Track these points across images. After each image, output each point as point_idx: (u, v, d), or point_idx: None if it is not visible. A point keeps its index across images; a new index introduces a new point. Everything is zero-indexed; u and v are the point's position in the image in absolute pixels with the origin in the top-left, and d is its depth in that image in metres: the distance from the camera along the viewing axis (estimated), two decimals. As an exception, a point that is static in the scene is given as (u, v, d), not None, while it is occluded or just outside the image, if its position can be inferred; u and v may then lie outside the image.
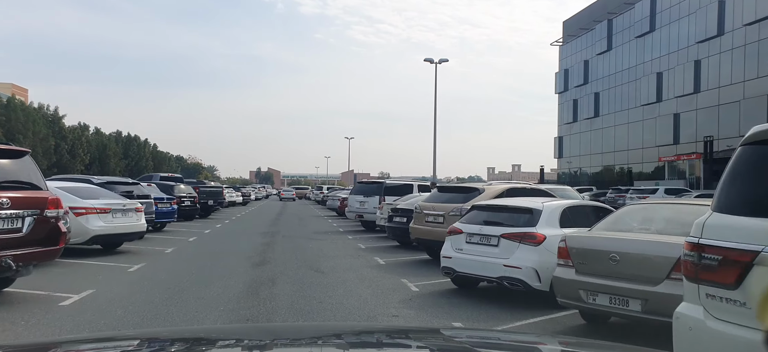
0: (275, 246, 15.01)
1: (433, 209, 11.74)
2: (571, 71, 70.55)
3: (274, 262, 11.85)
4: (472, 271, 8.08)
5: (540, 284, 7.39)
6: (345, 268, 11.20)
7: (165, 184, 24.54)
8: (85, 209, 11.54)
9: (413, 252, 13.56)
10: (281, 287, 8.97)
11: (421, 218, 12.02)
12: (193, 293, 8.38)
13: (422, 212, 11.99)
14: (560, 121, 73.81)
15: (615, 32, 61.80)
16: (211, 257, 12.46)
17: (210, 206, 27.92)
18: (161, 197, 18.67)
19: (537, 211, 7.91)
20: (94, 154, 71.75)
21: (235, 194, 45.21)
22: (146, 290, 8.61)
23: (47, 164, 54.14)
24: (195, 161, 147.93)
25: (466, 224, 8.41)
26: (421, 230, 11.95)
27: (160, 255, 12.59)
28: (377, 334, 2.41)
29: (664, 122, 52.30)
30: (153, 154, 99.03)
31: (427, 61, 31.38)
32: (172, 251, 13.24)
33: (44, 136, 53.75)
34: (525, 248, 7.55)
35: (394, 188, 21.01)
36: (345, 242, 16.45)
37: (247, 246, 14.80)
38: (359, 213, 21.07)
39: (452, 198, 11.85)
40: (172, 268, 10.78)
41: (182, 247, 14.34)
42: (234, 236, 18.05)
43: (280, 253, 13.47)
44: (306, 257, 12.87)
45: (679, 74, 49.93)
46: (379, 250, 14.46)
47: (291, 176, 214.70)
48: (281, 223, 25.14)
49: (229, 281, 9.44)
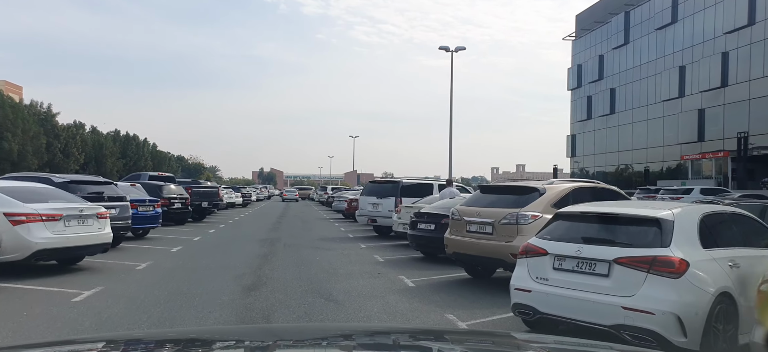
0: (274, 259, 12.34)
1: (478, 215, 9.04)
2: (585, 67, 67.80)
3: (271, 284, 9.17)
4: (566, 313, 5.38)
5: (684, 338, 4.70)
6: (365, 294, 8.53)
7: (152, 184, 21.89)
8: (26, 215, 8.86)
9: (445, 267, 10.89)
10: (279, 327, 6.30)
11: (460, 227, 9.33)
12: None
13: (462, 218, 9.30)
14: (573, 118, 71.09)
15: (632, 25, 59.00)
16: (191, 278, 9.78)
17: (204, 209, 25.24)
18: (142, 199, 16.01)
19: (666, 222, 5.21)
20: (90, 154, 69.14)
21: (235, 194, 42.52)
22: (87, 331, 5.94)
23: (38, 164, 51.54)
24: (196, 161, 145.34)
25: (553, 242, 5.71)
26: (460, 243, 9.26)
27: (127, 274, 9.92)
28: (379, 334, 2.40)
29: (687, 119, 49.48)
30: (152, 154, 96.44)
31: (443, 49, 28.70)
32: (145, 268, 10.56)
33: (35, 134, 51.05)
34: (657, 280, 4.86)
35: (412, 187, 18.32)
36: (358, 253, 13.77)
37: (239, 259, 12.12)
38: (372, 217, 18.36)
39: (502, 201, 9.14)
40: (135, 296, 8.09)
41: (160, 261, 11.67)
42: (227, 244, 15.37)
43: (280, 269, 10.80)
44: (312, 275, 10.20)
45: (705, 67, 47.12)
46: (402, 264, 11.77)
47: (294, 176, 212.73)
48: (283, 227, 22.46)
49: (205, 317, 6.78)
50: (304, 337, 2.21)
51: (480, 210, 9.08)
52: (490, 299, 8.13)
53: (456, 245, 9.37)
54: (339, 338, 2.14)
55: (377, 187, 19.05)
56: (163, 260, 11.73)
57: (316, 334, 2.36)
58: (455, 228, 9.48)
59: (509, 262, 8.33)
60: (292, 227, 22.38)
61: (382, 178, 19.36)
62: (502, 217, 8.63)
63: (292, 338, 2.19)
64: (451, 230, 9.60)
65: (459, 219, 9.39)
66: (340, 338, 2.14)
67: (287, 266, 11.29)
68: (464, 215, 9.29)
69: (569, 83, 71.26)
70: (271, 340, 2.05)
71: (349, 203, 27.16)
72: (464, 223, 9.24)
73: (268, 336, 2.24)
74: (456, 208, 9.69)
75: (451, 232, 9.61)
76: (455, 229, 9.47)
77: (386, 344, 2.07)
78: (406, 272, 10.58)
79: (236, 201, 41.98)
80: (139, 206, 15.59)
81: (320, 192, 57.10)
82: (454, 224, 9.52)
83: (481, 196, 9.71)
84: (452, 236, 9.50)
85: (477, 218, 9.02)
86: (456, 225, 9.47)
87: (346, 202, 27.73)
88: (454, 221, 9.53)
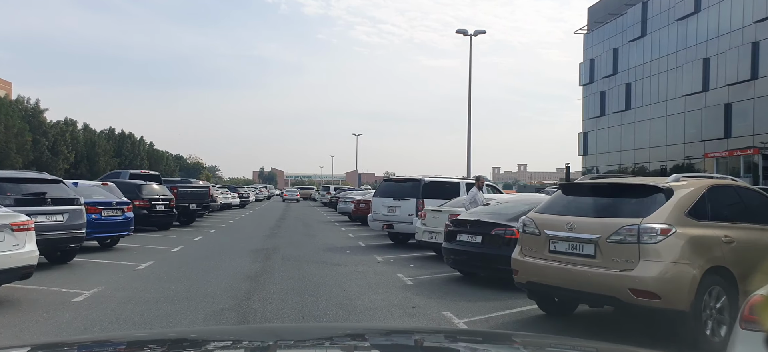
0: (268, 281, 9.38)
1: (570, 227, 6.06)
2: (598, 61, 64.80)
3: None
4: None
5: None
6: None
7: (130, 183, 18.99)
8: None
9: (501, 292, 7.96)
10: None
11: (537, 245, 6.37)
12: None
13: (542, 232, 6.33)
14: (585, 115, 68.07)
15: (650, 16, 55.99)
16: (145, 317, 6.81)
17: (193, 211, 22.25)
18: (108, 201, 13.03)
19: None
20: (81, 152, 66.24)
21: (231, 195, 39.49)
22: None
23: (23, 162, 48.57)
24: (195, 161, 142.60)
25: None
26: (540, 269, 6.29)
27: (49, 313, 6.94)
28: (381, 334, 2.40)
29: (711, 114, 46.49)
30: (149, 153, 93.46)
31: (460, 33, 25.71)
32: (83, 301, 7.55)
33: (19, 130, 48.01)
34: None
35: (436, 187, 15.34)
36: (377, 271, 10.80)
37: (223, 282, 9.16)
38: (388, 223, 15.34)
39: (606, 207, 6.16)
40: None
41: (113, 286, 8.70)
42: (212, 257, 12.39)
43: (276, 300, 7.83)
44: (321, 310, 7.25)
45: (732, 59, 44.12)
46: (439, 290, 8.82)
47: (295, 176, 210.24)
48: (282, 233, 19.49)
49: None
50: (306, 337, 2.18)
51: (572, 221, 6.09)
52: None
53: (533, 271, 6.40)
54: (340, 338, 2.12)
55: (393, 186, 15.99)
56: (118, 285, 8.75)
57: (318, 334, 2.34)
58: (530, 246, 6.51)
59: (626, 301, 5.38)
60: (292, 233, 19.41)
61: (400, 177, 16.23)
62: (611, 231, 5.66)
63: (293, 337, 2.17)
64: (524, 249, 6.63)
65: (536, 233, 6.42)
66: (342, 338, 2.12)
67: (285, 293, 8.30)
68: (545, 227, 6.31)
69: (581, 79, 68.31)
70: (271, 340, 2.04)
71: (356, 204, 24.25)
72: (545, 239, 6.27)
73: (269, 336, 2.20)
74: (530, 216, 6.68)
75: (523, 251, 6.63)
76: (530, 247, 6.50)
77: (388, 345, 2.05)
78: (450, 304, 7.62)
79: (232, 202, 38.98)
80: (103, 210, 12.65)
81: (322, 192, 54.04)
82: (529, 241, 6.55)
83: (568, 199, 6.65)
84: (526, 258, 6.53)
85: (568, 232, 6.04)
86: (531, 242, 6.50)
87: (353, 203, 24.79)
88: (529, 236, 6.55)
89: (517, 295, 7.70)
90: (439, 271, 10.62)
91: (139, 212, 17.97)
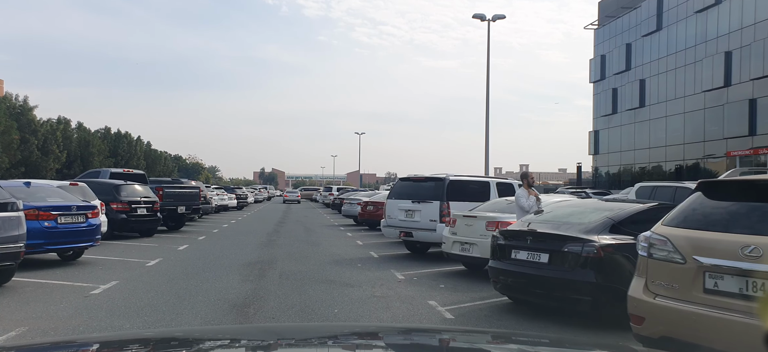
0: (260, 313, 7.02)
1: (749, 255, 3.65)
2: (610, 57, 62.44)
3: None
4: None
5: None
6: None
7: (106, 183, 16.68)
8: None
9: (563, 326, 5.57)
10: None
11: (682, 280, 3.99)
12: None
13: (689, 258, 3.93)
14: (596, 113, 65.71)
15: (666, 9, 53.61)
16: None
17: (181, 215, 19.86)
18: (67, 205, 10.61)
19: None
20: (75, 152, 63.81)
21: (227, 196, 37.07)
22: None
23: (10, 162, 46.20)
24: (195, 161, 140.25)
25: None
26: (690, 319, 3.90)
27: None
28: (381, 334, 2.33)
29: (734, 110, 44.10)
30: (146, 153, 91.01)
31: (477, 17, 23.42)
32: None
33: (6, 128, 45.61)
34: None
35: (461, 186, 12.95)
36: (400, 295, 8.40)
37: (198, 316, 6.78)
38: (407, 230, 12.88)
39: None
40: None
41: (43, 326, 6.33)
42: (192, 276, 9.98)
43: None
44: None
45: (757, 52, 41.73)
46: (489, 325, 6.43)
47: (295, 176, 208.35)
48: (281, 239, 17.09)
49: None
50: (307, 336, 2.13)
51: (750, 243, 3.69)
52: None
53: (674, 321, 4.01)
54: (341, 338, 2.06)
55: (412, 187, 13.50)
56: (48, 324, 6.37)
57: (319, 333, 2.27)
58: (664, 281, 4.12)
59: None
60: (292, 240, 17.01)
61: (419, 175, 13.78)
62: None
63: (294, 337, 2.11)
64: (653, 285, 4.22)
65: (679, 261, 4.02)
66: (343, 338, 2.06)
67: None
68: (696, 252, 3.91)
69: (591, 75, 66.00)
70: (272, 339, 2.00)
71: (363, 206, 21.90)
72: (696, 270, 3.89)
73: (270, 335, 2.16)
74: (662, 232, 4.27)
75: (650, 288, 4.23)
76: (665, 283, 4.11)
77: (389, 344, 2.00)
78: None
79: (229, 204, 36.57)
80: (59, 216, 10.26)
81: (325, 193, 51.55)
82: (661, 272, 4.16)
83: (717, 206, 4.20)
84: (658, 300, 4.13)
85: (746, 261, 3.64)
86: (667, 274, 4.11)
87: (360, 205, 22.44)
88: (660, 263, 4.15)
89: (594, 327, 5.32)
90: (481, 295, 8.25)
91: (116, 216, 15.65)
